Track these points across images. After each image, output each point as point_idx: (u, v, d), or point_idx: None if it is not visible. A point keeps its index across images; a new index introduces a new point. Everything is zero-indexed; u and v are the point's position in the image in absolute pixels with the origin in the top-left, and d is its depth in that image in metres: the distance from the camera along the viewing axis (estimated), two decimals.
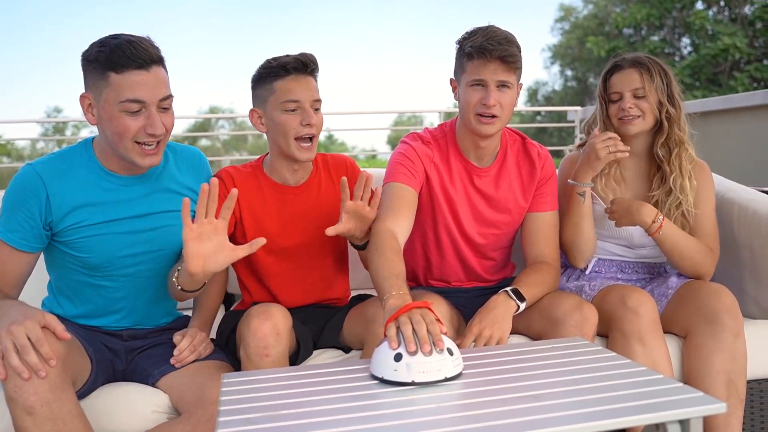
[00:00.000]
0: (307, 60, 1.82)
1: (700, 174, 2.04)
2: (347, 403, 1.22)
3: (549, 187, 2.03)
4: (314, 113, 1.81)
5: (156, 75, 1.57)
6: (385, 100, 46.70)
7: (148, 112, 1.57)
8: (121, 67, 1.53)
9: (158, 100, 1.58)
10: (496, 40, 1.79)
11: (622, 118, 2.00)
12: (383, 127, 15.31)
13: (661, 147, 2.03)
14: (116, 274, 1.73)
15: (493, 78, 1.81)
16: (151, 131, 1.58)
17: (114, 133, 1.58)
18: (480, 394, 1.24)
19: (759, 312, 2.05)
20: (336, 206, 1.87)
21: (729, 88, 15.28)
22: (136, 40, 1.56)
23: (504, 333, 1.73)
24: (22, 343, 1.38)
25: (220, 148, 21.64)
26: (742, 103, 5.74)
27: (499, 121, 1.86)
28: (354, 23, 43.43)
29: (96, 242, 1.67)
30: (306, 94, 1.80)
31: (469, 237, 2.00)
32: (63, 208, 1.63)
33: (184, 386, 1.65)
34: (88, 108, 1.61)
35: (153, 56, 1.56)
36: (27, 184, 1.61)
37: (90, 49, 1.58)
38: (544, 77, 25.44)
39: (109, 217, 1.67)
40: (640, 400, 1.17)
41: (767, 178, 4.82)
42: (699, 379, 1.79)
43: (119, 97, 1.54)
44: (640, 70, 2.00)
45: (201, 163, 1.88)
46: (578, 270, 2.14)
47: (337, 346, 1.94)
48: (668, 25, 17.97)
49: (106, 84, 1.55)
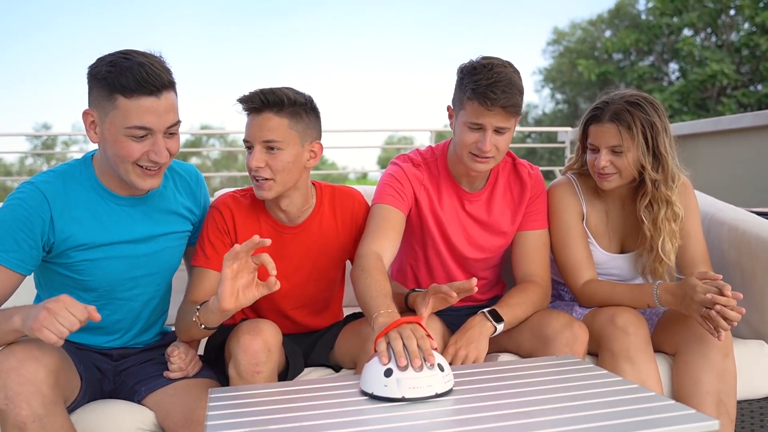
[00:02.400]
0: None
1: (683, 194, 1.97)
2: (336, 419, 1.21)
3: (539, 206, 2.03)
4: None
5: (166, 101, 1.52)
6: (375, 117, 46.94)
7: (154, 138, 1.53)
8: (131, 92, 1.47)
9: (166, 127, 1.53)
10: (500, 88, 1.72)
11: (598, 172, 1.92)
12: (374, 145, 15.37)
13: (645, 210, 1.91)
14: (114, 297, 1.70)
15: (491, 124, 1.78)
16: (155, 158, 1.54)
17: (116, 155, 1.54)
18: (471, 411, 1.23)
19: (749, 332, 2.05)
20: (336, 244, 1.87)
21: (717, 113, 15.47)
22: (147, 63, 1.49)
23: (480, 353, 1.73)
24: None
25: (210, 167, 21.64)
26: (730, 125, 5.81)
27: (493, 161, 1.85)
28: (346, 40, 43.80)
29: (97, 266, 1.63)
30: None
31: (458, 257, 2.00)
32: (65, 230, 1.58)
33: (171, 405, 1.62)
34: (90, 125, 1.55)
35: (164, 81, 1.51)
36: (30, 203, 1.55)
37: (98, 65, 1.52)
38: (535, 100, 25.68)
39: (111, 239, 1.63)
40: (632, 417, 1.16)
41: (756, 198, 4.87)
42: (688, 398, 1.78)
43: (126, 122, 1.49)
44: (619, 127, 1.84)
45: (199, 183, 1.85)
46: (569, 297, 2.14)
47: (328, 365, 1.92)
48: (656, 50, 18.22)
49: (112, 106, 1.49)
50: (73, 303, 1.38)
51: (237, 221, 1.80)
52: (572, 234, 2.00)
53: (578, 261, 1.99)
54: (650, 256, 1.94)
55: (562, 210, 2.02)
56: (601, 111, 1.89)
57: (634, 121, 1.84)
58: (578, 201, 2.03)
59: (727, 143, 5.82)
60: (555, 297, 2.18)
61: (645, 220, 1.91)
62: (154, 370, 1.72)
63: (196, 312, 1.58)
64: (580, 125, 1.98)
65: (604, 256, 2.04)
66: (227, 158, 22.06)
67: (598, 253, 2.03)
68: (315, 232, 1.86)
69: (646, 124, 1.84)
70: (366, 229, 1.83)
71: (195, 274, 1.79)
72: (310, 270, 1.87)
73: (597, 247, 2.03)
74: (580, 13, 42.93)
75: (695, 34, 17.23)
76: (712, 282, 1.67)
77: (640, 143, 1.84)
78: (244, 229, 1.80)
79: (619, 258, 2.05)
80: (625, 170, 1.88)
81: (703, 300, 1.64)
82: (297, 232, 1.84)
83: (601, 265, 2.04)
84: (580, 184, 2.05)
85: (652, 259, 1.93)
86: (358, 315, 1.99)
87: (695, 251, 1.98)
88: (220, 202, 1.83)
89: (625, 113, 1.84)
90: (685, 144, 2.04)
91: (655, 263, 1.93)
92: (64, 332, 1.35)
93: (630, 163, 1.87)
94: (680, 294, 1.73)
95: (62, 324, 1.35)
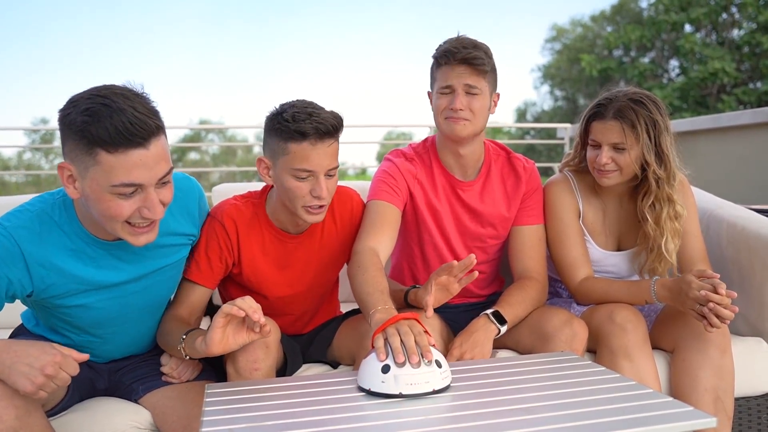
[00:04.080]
0: (329, 126, 1.60)
1: (681, 192, 1.95)
2: (333, 415, 1.20)
3: (534, 201, 2.03)
4: (328, 180, 1.65)
5: (156, 150, 1.31)
6: (374, 113, 46.89)
7: (145, 193, 1.34)
8: (114, 146, 1.26)
9: (158, 179, 1.34)
10: (461, 44, 1.81)
11: (598, 169, 1.91)
12: (373, 141, 15.30)
13: (648, 209, 1.89)
14: (104, 332, 1.62)
15: (459, 82, 1.81)
16: (148, 215, 1.35)
17: (102, 215, 1.35)
18: (468, 407, 1.23)
19: (747, 329, 2.05)
20: (337, 247, 1.86)
21: (717, 110, 15.46)
22: (129, 108, 1.27)
23: (484, 356, 1.73)
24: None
25: (209, 162, 21.62)
26: (730, 122, 5.80)
27: (470, 125, 1.85)
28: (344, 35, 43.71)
29: (84, 310, 1.53)
30: (321, 163, 1.62)
31: (454, 251, 2.00)
32: (45, 279, 1.43)
33: (169, 409, 1.60)
34: (68, 179, 1.34)
35: (152, 128, 1.30)
36: (2, 252, 1.38)
37: (71, 112, 1.28)
38: (534, 97, 25.71)
39: (99, 284, 1.49)
40: (630, 414, 1.16)
41: (755, 195, 4.86)
42: (686, 395, 1.78)
43: (111, 180, 1.29)
44: (622, 125, 1.83)
45: (196, 199, 1.68)
46: (566, 294, 2.14)
47: (326, 361, 1.91)
48: (657, 47, 18.21)
49: (93, 161, 1.28)
50: (68, 363, 1.29)
51: (240, 234, 1.75)
52: (569, 232, 2.00)
53: (575, 259, 1.98)
54: (650, 255, 1.93)
55: (558, 207, 2.01)
56: (604, 108, 1.88)
57: (638, 119, 1.83)
58: (574, 198, 2.03)
59: (726, 140, 5.82)
60: (552, 294, 2.18)
61: (648, 218, 1.90)
62: (152, 369, 1.69)
63: (181, 341, 1.53)
64: (581, 121, 1.97)
65: (601, 254, 2.03)
66: (226, 153, 22.03)
67: (595, 251, 2.03)
68: (317, 238, 1.83)
69: (649, 122, 1.84)
70: (362, 226, 1.83)
71: (184, 287, 1.73)
72: (313, 276, 1.85)
73: (593, 245, 2.03)
74: (580, 9, 42.86)
75: (696, 31, 17.21)
76: (708, 280, 1.67)
77: (643, 141, 1.83)
78: (247, 240, 1.76)
79: (615, 255, 2.04)
80: (626, 167, 1.88)
81: (697, 297, 1.65)
82: (300, 241, 1.81)
83: (597, 262, 2.04)
84: (576, 181, 2.05)
85: (653, 258, 1.93)
86: (356, 311, 1.98)
87: (694, 249, 1.98)
88: (224, 214, 1.74)
89: (629, 111, 1.83)
90: (685, 141, 2.04)
91: (655, 262, 1.92)
92: (52, 387, 1.29)
93: (631, 161, 1.86)
94: (676, 290, 1.74)
95: (56, 383, 1.29)
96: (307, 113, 1.59)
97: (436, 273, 1.60)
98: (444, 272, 1.58)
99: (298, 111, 1.60)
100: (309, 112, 1.60)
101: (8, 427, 1.31)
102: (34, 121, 25.23)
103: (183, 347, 1.52)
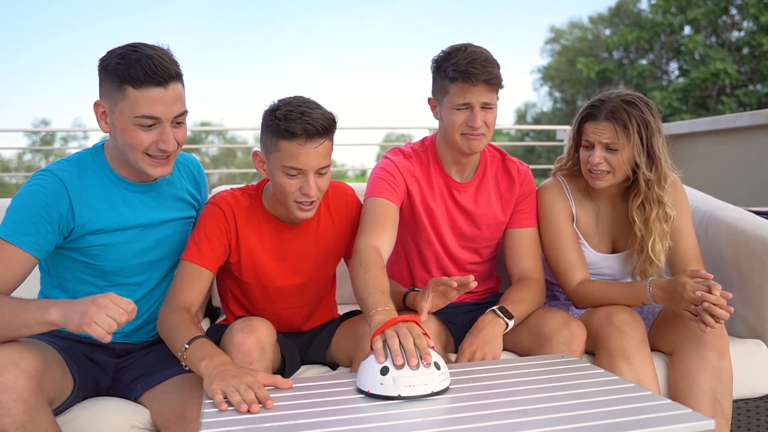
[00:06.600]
0: (318, 127, 1.62)
1: (672, 193, 1.95)
2: (332, 417, 1.20)
3: (529, 204, 2.04)
4: (318, 178, 1.67)
5: (173, 92, 1.57)
6: (374, 115, 46.90)
7: (162, 128, 1.58)
8: (139, 83, 1.53)
9: (173, 116, 1.58)
10: (479, 63, 1.79)
11: (591, 171, 1.91)
12: (373, 143, 15.32)
13: (637, 210, 1.91)
14: (126, 282, 1.73)
15: (478, 100, 1.82)
16: (163, 147, 1.58)
17: (126, 144, 1.59)
18: (467, 409, 1.23)
19: (746, 331, 2.05)
20: (334, 241, 1.87)
21: (717, 112, 15.45)
22: (155, 54, 1.54)
23: (496, 352, 1.72)
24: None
25: (209, 163, 21.60)
26: (729, 124, 5.80)
27: (485, 139, 1.88)
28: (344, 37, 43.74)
29: (111, 250, 1.68)
30: (310, 162, 1.64)
31: (449, 250, 2.02)
32: (83, 215, 1.62)
33: (165, 401, 1.61)
34: (101, 116, 1.61)
35: (172, 73, 1.56)
36: (50, 189, 1.59)
37: (108, 57, 1.57)
38: (533, 99, 25.71)
39: (125, 224, 1.68)
40: (628, 416, 1.17)
41: (754, 197, 4.87)
42: (684, 398, 1.78)
43: (135, 111, 1.55)
44: (614, 125, 1.84)
45: (200, 172, 1.92)
46: (563, 297, 2.14)
47: (324, 363, 1.91)
48: (656, 49, 18.21)
49: (122, 97, 1.55)
50: (119, 297, 1.40)
51: (239, 222, 1.77)
52: (563, 236, 2.00)
53: (570, 262, 1.99)
54: (641, 257, 1.94)
55: (551, 212, 2.02)
56: (597, 109, 1.89)
57: (630, 120, 1.83)
58: (567, 202, 2.03)
59: (725, 142, 5.82)
60: (550, 298, 2.18)
61: (636, 220, 1.91)
62: (155, 362, 1.71)
63: (184, 350, 1.51)
64: (574, 123, 1.98)
65: (595, 257, 2.04)
66: (226, 155, 22.01)
67: (589, 254, 2.03)
68: (314, 230, 1.85)
69: (641, 122, 1.84)
70: (362, 224, 1.83)
71: (184, 270, 1.72)
72: (311, 269, 1.87)
73: (588, 248, 2.03)
74: (578, 11, 42.95)
75: (696, 32, 17.21)
76: (702, 281, 1.67)
77: (635, 141, 1.84)
78: (245, 229, 1.78)
79: (609, 258, 2.04)
80: (619, 169, 1.88)
81: (692, 298, 1.66)
82: (297, 232, 1.83)
83: (592, 265, 2.04)
84: (569, 185, 2.05)
85: (642, 260, 1.93)
86: (354, 313, 1.98)
87: (686, 250, 1.98)
88: (222, 199, 1.79)
89: (621, 111, 1.84)
90: (684, 143, 2.04)
91: (645, 264, 1.93)
92: (113, 326, 1.36)
93: (624, 161, 1.86)
94: (670, 290, 1.74)
95: (111, 317, 1.36)
96: (299, 112, 1.62)
97: (434, 282, 1.63)
98: (443, 284, 1.63)
99: (290, 110, 1.63)
100: (301, 111, 1.62)
101: (16, 421, 1.36)
102: (35, 122, 25.24)
103: (185, 357, 1.51)
